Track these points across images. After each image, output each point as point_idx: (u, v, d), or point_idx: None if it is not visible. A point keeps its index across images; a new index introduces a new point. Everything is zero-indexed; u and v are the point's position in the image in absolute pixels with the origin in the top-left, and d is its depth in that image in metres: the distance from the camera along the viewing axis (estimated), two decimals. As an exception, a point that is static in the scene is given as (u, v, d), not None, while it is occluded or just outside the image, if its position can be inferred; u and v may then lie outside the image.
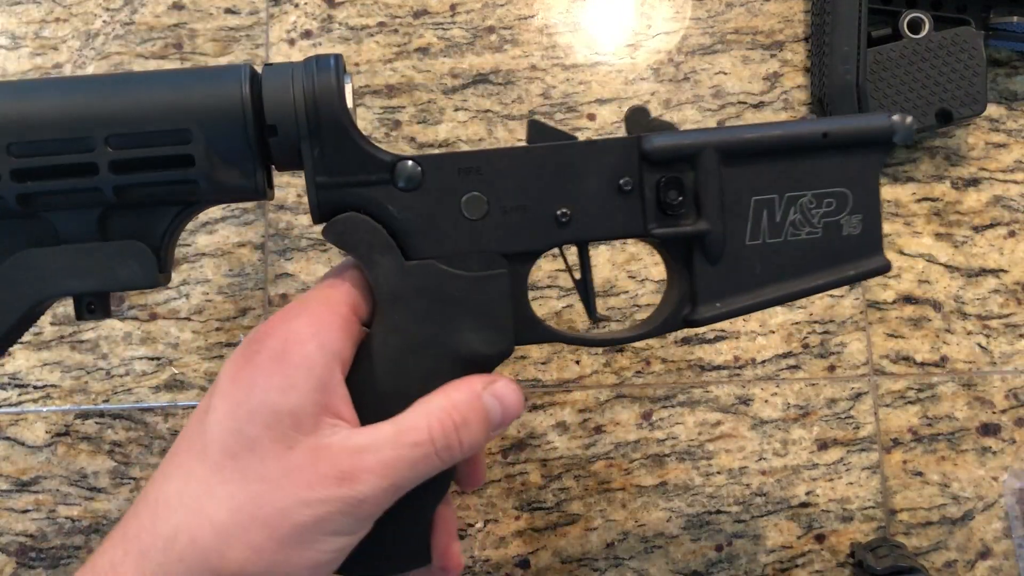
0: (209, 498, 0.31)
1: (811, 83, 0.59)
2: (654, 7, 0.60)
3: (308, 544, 0.31)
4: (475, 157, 0.35)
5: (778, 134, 0.36)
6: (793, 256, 0.36)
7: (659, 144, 0.35)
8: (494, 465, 0.54)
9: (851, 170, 0.36)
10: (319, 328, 0.33)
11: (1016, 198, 0.58)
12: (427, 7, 0.59)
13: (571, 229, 0.36)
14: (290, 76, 0.34)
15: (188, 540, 0.31)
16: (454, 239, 0.35)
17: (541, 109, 0.58)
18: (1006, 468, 0.55)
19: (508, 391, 0.35)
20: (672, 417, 0.55)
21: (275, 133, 0.34)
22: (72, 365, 0.55)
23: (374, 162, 0.35)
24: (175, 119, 0.33)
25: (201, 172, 0.33)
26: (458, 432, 0.33)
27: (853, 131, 0.36)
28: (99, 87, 0.33)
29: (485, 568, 0.53)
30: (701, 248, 0.36)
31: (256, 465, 0.31)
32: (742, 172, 0.36)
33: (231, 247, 0.56)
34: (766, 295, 0.37)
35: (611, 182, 0.36)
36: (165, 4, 0.59)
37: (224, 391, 0.32)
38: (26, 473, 0.54)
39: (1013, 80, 0.59)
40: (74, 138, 0.32)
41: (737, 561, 0.54)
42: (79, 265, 0.34)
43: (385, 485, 0.32)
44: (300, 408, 0.32)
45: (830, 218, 0.36)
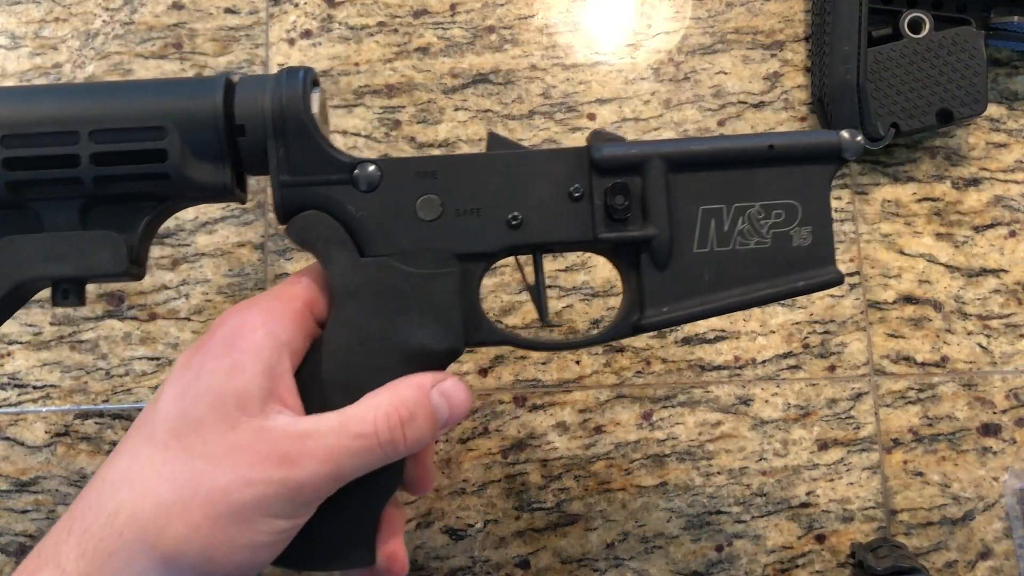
0: (153, 475, 0.32)
1: (811, 83, 0.59)
2: (654, 7, 0.60)
3: (247, 524, 0.32)
4: (433, 162, 0.37)
5: (726, 146, 0.37)
6: (741, 265, 0.37)
7: (608, 153, 0.37)
8: (494, 465, 0.54)
9: (801, 183, 0.37)
10: (269, 318, 0.34)
11: (1017, 198, 0.58)
12: (427, 7, 0.59)
13: (522, 232, 0.37)
14: (262, 85, 0.37)
15: (129, 515, 0.31)
16: (408, 238, 0.37)
17: (541, 109, 0.58)
18: (1007, 468, 0.55)
19: (456, 390, 0.36)
20: (672, 417, 0.55)
21: (243, 133, 0.36)
22: (72, 365, 0.55)
23: (335, 163, 0.37)
24: (152, 117, 0.36)
25: (173, 166, 0.36)
26: (403, 427, 0.34)
27: (801, 146, 0.37)
28: (89, 91, 0.37)
29: (485, 568, 0.53)
30: (649, 253, 0.37)
31: (199, 444, 0.32)
32: (689, 181, 0.37)
33: (231, 247, 0.56)
34: (714, 302, 0.37)
35: (562, 189, 0.37)
36: (165, 4, 0.59)
37: (174, 376, 0.34)
38: (26, 473, 0.54)
39: (1014, 80, 0.59)
40: (62, 132, 0.35)
41: (737, 561, 0.54)
42: (56, 251, 0.36)
43: (325, 471, 0.32)
44: (245, 390, 0.33)
45: (779, 229, 0.37)
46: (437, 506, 0.54)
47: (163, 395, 0.34)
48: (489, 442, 0.55)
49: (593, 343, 0.39)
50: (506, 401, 0.55)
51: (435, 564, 0.53)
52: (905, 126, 0.55)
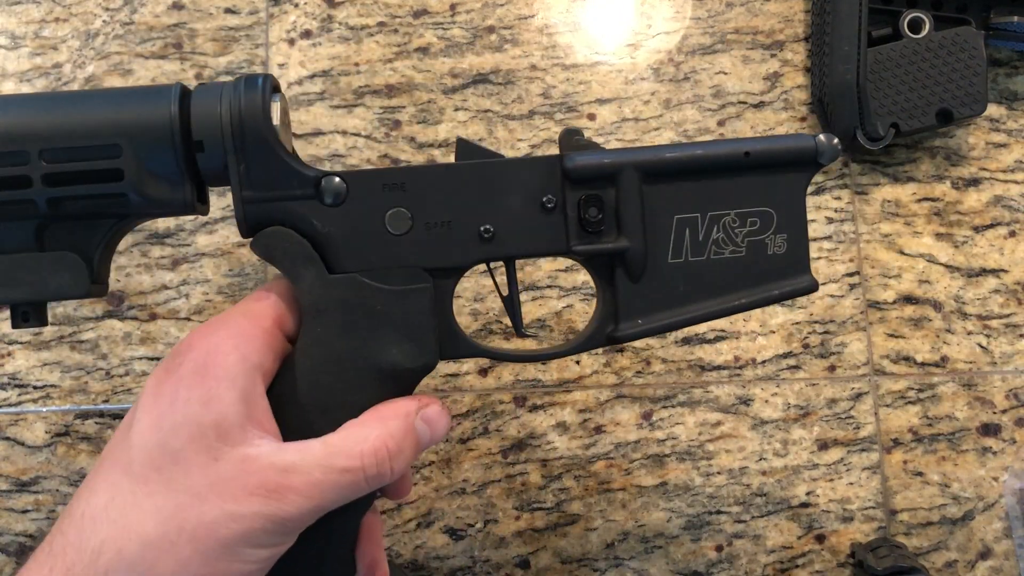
0: (135, 511, 0.31)
1: (811, 83, 0.59)
2: (654, 7, 0.60)
3: (234, 556, 0.31)
4: (400, 173, 0.36)
5: (699, 153, 0.36)
6: (717, 274, 0.36)
7: (580, 162, 0.36)
8: (494, 465, 0.54)
9: (776, 190, 0.36)
10: (240, 340, 0.33)
11: (1016, 198, 0.58)
12: (427, 7, 0.59)
13: (495, 245, 0.36)
14: (218, 95, 0.35)
15: (114, 553, 0.31)
16: (377, 253, 0.36)
17: (541, 109, 0.58)
18: (1006, 468, 0.55)
19: (438, 417, 0.35)
20: (672, 417, 0.55)
21: (202, 149, 0.35)
22: (72, 365, 0.55)
23: (299, 178, 0.35)
24: (105, 134, 0.34)
25: (130, 185, 0.34)
26: (391, 461, 0.33)
27: (776, 152, 0.36)
28: (35, 104, 0.35)
29: (485, 568, 0.53)
30: (623, 265, 0.36)
31: (181, 477, 0.31)
32: (663, 191, 0.36)
33: (231, 247, 0.56)
34: (689, 312, 0.37)
35: (534, 199, 0.36)
36: (165, 4, 0.59)
37: (147, 405, 0.33)
38: (26, 473, 0.54)
39: (1013, 80, 0.59)
40: (9, 151, 0.34)
41: (737, 561, 0.54)
42: (11, 275, 0.35)
43: (311, 506, 0.32)
44: (224, 419, 0.32)
45: (754, 237, 0.36)
46: (437, 506, 0.54)
47: (136, 425, 0.32)
48: (489, 442, 0.55)
49: (567, 354, 0.39)
50: (506, 401, 0.55)
51: (435, 564, 0.53)
52: (905, 126, 0.55)
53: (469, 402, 0.55)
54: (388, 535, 0.54)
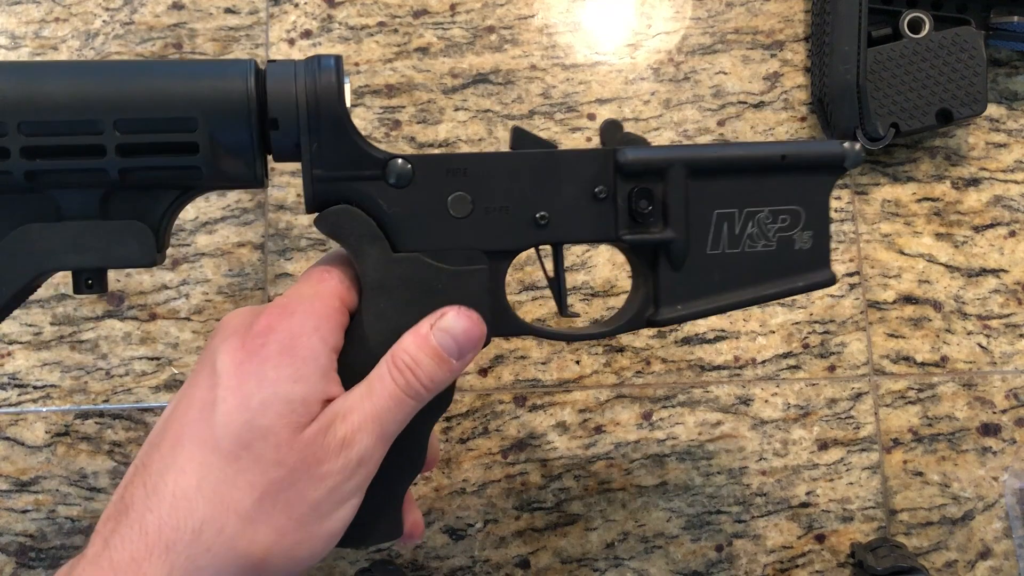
0: (230, 488, 0.33)
1: (811, 83, 0.59)
2: (654, 7, 0.60)
3: (324, 517, 0.34)
4: (463, 159, 0.38)
5: (742, 154, 0.39)
6: (749, 266, 0.39)
7: (632, 157, 0.38)
8: (494, 465, 0.54)
9: (805, 190, 0.39)
10: (319, 322, 0.35)
11: (1016, 198, 0.58)
12: (427, 7, 0.59)
13: (548, 231, 0.38)
14: (292, 73, 0.35)
15: (215, 531, 0.32)
16: (439, 235, 0.37)
17: (541, 109, 0.58)
18: (1006, 468, 0.55)
19: (453, 322, 0.36)
20: (672, 417, 0.55)
21: (276, 127, 0.35)
22: (72, 365, 0.55)
23: (368, 159, 0.36)
24: (182, 108, 0.34)
25: (204, 159, 0.34)
26: (414, 372, 0.35)
27: (808, 155, 0.39)
28: (110, 72, 0.35)
29: (485, 568, 0.53)
30: (666, 255, 0.39)
31: (271, 452, 0.33)
32: (707, 187, 0.38)
33: (231, 247, 0.56)
34: (723, 301, 0.39)
35: (587, 190, 0.38)
36: (165, 4, 0.59)
37: (230, 384, 0.34)
38: (26, 473, 0.54)
39: (1013, 80, 0.59)
40: (84, 120, 0.34)
41: (737, 561, 0.54)
42: (80, 241, 0.35)
43: (375, 439, 0.34)
44: (309, 396, 0.34)
45: (784, 233, 0.39)
46: (437, 506, 0.54)
47: (221, 404, 0.33)
48: (489, 442, 0.55)
49: (607, 335, 0.41)
50: (506, 401, 0.55)
51: (435, 564, 0.53)
52: (905, 126, 0.55)
53: (469, 402, 0.55)
54: (388, 535, 0.54)
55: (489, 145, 0.58)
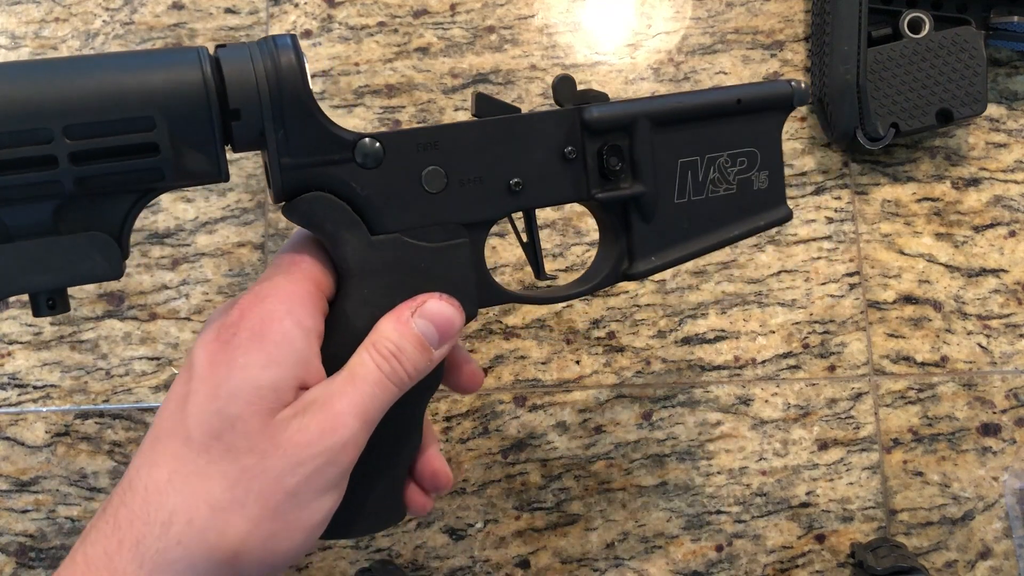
0: (201, 478, 0.32)
1: (811, 83, 0.59)
2: (654, 7, 0.60)
3: (302, 506, 0.32)
4: (433, 132, 0.37)
5: (702, 102, 0.40)
6: (714, 210, 0.40)
7: (598, 114, 0.38)
8: (494, 465, 0.54)
9: (758, 131, 0.40)
10: (292, 306, 0.34)
11: (1016, 198, 0.58)
12: (427, 7, 0.59)
13: (523, 197, 0.38)
14: (248, 57, 0.33)
15: (185, 522, 0.31)
16: (417, 212, 0.37)
17: (542, 109, 0.58)
18: (1006, 468, 0.55)
19: (436, 309, 0.36)
20: (672, 417, 0.55)
21: (238, 117, 0.33)
22: (72, 365, 0.55)
23: (337, 141, 0.35)
24: (136, 106, 0.31)
25: (165, 159, 0.32)
26: (397, 359, 0.35)
27: (761, 96, 0.40)
28: (53, 72, 0.31)
29: (485, 568, 0.53)
30: (637, 208, 0.39)
31: (242, 440, 0.32)
32: (670, 137, 0.39)
33: (231, 247, 0.56)
34: (693, 247, 0.40)
35: (557, 151, 0.38)
36: (165, 4, 0.59)
37: (202, 375, 0.33)
38: (26, 473, 0.54)
39: (1013, 80, 0.59)
40: (30, 129, 0.30)
41: (737, 561, 0.54)
42: (38, 262, 0.32)
43: (358, 424, 0.33)
44: (281, 382, 0.33)
45: (743, 175, 0.40)
46: (437, 506, 0.54)
47: (193, 396, 0.33)
48: (489, 442, 0.55)
49: (585, 292, 0.41)
50: (506, 401, 0.55)
51: (435, 564, 0.53)
52: (905, 126, 0.55)
53: (469, 402, 0.55)
54: (387, 535, 0.54)
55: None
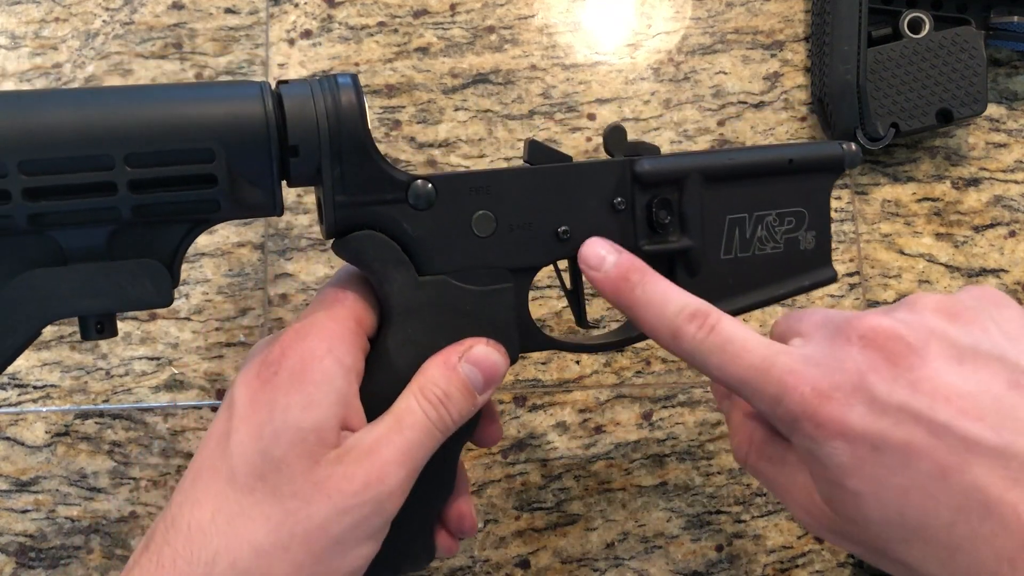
0: (245, 520, 0.32)
1: (811, 83, 0.59)
2: (654, 7, 0.60)
3: (345, 553, 0.32)
4: (485, 176, 0.37)
5: (753, 160, 0.40)
6: (759, 269, 0.40)
7: (650, 167, 0.38)
8: (494, 465, 0.54)
9: (807, 191, 0.40)
10: (333, 344, 0.34)
11: (1017, 198, 0.58)
12: (427, 7, 0.59)
13: (570, 244, 0.38)
14: (310, 94, 0.34)
15: (228, 564, 0.31)
16: (464, 255, 0.37)
17: (541, 109, 0.58)
18: (1006, 468, 0.55)
19: (483, 355, 0.36)
20: (672, 417, 0.55)
21: (296, 154, 0.34)
22: (72, 365, 0.55)
23: (391, 181, 0.36)
24: (197, 138, 0.32)
25: (223, 191, 0.33)
26: (445, 406, 0.34)
27: (811, 158, 0.40)
28: (115, 100, 0.32)
29: (485, 568, 0.53)
30: (683, 262, 0.39)
31: (286, 483, 0.32)
32: (720, 193, 0.39)
33: (231, 247, 0.56)
34: (736, 304, 0.40)
35: (606, 201, 0.38)
36: (165, 4, 0.59)
37: (244, 415, 0.33)
38: (26, 473, 0.54)
39: (1014, 80, 0.59)
40: (91, 155, 0.31)
41: (737, 561, 0.54)
42: (90, 286, 0.32)
43: (405, 473, 0.33)
44: (323, 423, 0.33)
45: (790, 234, 0.40)
46: (437, 506, 0.54)
47: (235, 435, 0.33)
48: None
49: (628, 342, 0.41)
50: (506, 401, 0.55)
51: (435, 564, 0.53)
52: (905, 126, 0.55)
53: (469, 402, 0.55)
54: (388, 535, 0.54)
55: (489, 145, 0.58)
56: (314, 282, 0.56)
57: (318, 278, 0.56)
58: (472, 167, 0.57)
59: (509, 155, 0.57)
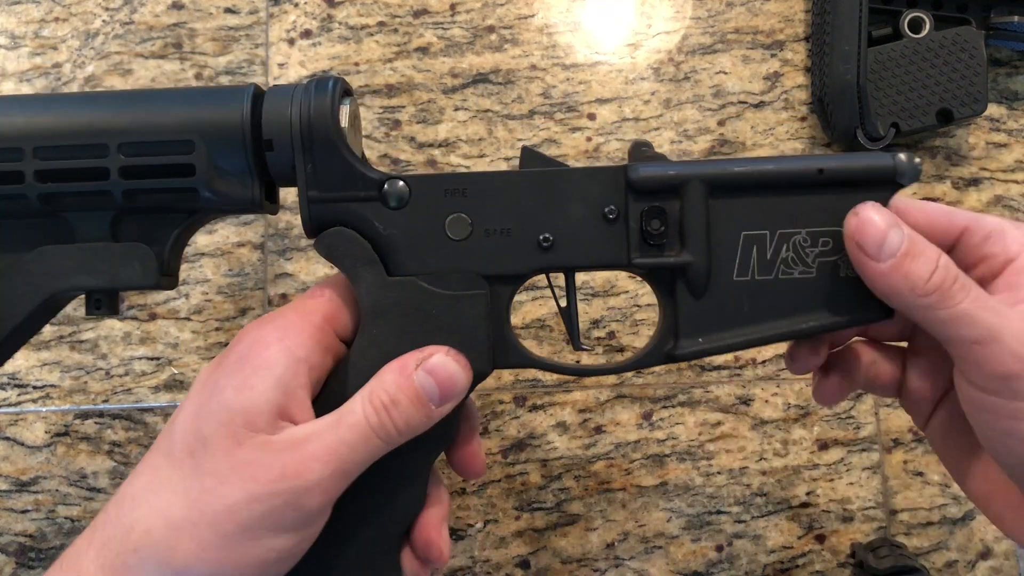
0: (167, 493, 0.32)
1: (811, 83, 0.59)
2: (654, 7, 0.60)
3: (255, 541, 0.32)
4: (463, 179, 0.36)
5: (769, 168, 0.35)
6: (784, 295, 0.35)
7: (645, 173, 0.35)
8: (494, 465, 0.54)
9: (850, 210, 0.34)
10: (285, 333, 0.34)
11: (1017, 198, 0.58)
12: (427, 7, 0.59)
13: (553, 254, 0.36)
14: (290, 96, 0.36)
15: (143, 531, 0.32)
16: (436, 257, 0.36)
17: (541, 109, 0.58)
18: (1007, 468, 0.55)
19: (440, 365, 0.34)
20: (672, 417, 0.55)
21: (271, 148, 0.36)
22: (71, 365, 0.55)
23: (364, 180, 0.36)
24: (180, 131, 0.36)
25: (201, 181, 0.36)
26: (388, 412, 0.33)
27: (852, 169, 0.35)
28: (116, 101, 0.37)
29: (485, 568, 0.53)
30: (684, 281, 0.36)
31: (209, 461, 0.32)
32: (731, 205, 0.35)
33: (231, 247, 0.56)
34: (752, 334, 0.36)
35: (596, 209, 0.36)
36: (165, 3, 0.59)
37: (191, 394, 0.34)
38: (26, 473, 0.54)
39: (1014, 80, 0.59)
40: (91, 144, 0.36)
41: (737, 561, 0.54)
42: (88, 263, 0.36)
43: (329, 471, 0.32)
44: (253, 407, 0.32)
45: (825, 258, 0.35)
46: (437, 506, 0.54)
47: (180, 412, 0.34)
48: (489, 442, 0.55)
49: (623, 370, 0.38)
50: (506, 401, 0.55)
51: (435, 564, 0.53)
52: (905, 126, 0.55)
53: (469, 402, 0.55)
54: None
55: (489, 145, 0.58)
56: (314, 282, 0.56)
57: (318, 278, 0.56)
58: (472, 167, 0.57)
59: (509, 155, 0.57)
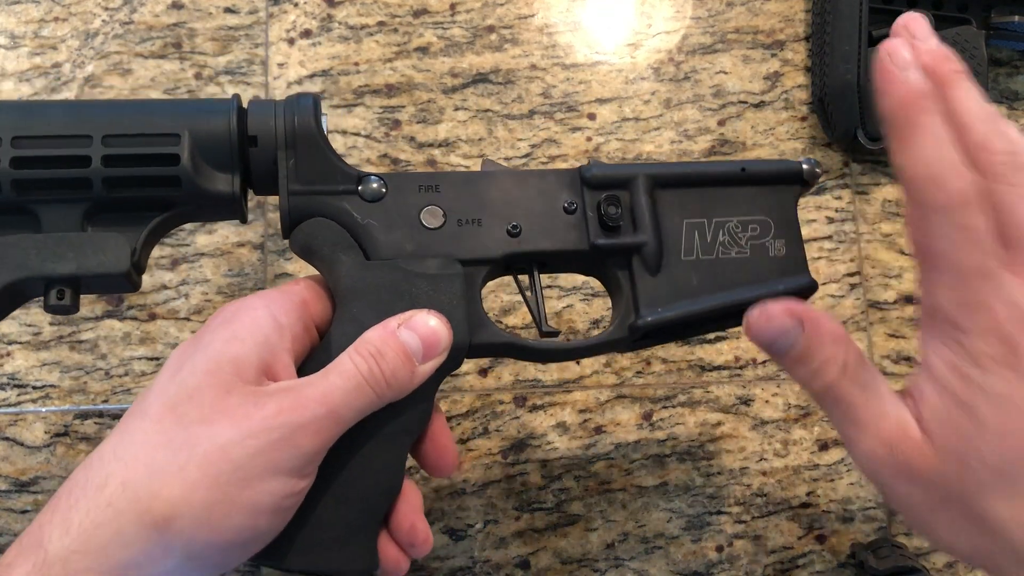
0: (145, 447, 0.31)
1: (811, 82, 0.59)
2: (654, 6, 0.60)
3: (248, 482, 0.31)
4: (434, 177, 0.40)
5: (700, 169, 0.42)
6: (726, 271, 0.41)
7: (597, 172, 0.41)
8: (494, 465, 0.54)
9: (771, 202, 0.41)
10: (269, 301, 0.35)
11: (1017, 198, 0.58)
12: (427, 7, 0.59)
13: (521, 240, 0.40)
14: (272, 105, 0.39)
15: (119, 484, 0.30)
16: (413, 243, 0.39)
17: (541, 108, 0.58)
18: (1007, 468, 0.55)
19: (422, 322, 0.36)
20: (672, 417, 0.55)
21: (255, 143, 0.38)
22: (71, 365, 0.54)
23: (342, 174, 0.39)
24: (168, 125, 0.37)
25: (184, 170, 0.36)
26: (377, 362, 0.34)
27: (767, 170, 0.42)
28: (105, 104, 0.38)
29: (485, 569, 0.53)
30: (641, 259, 0.40)
31: (195, 410, 0.31)
32: (673, 198, 0.41)
33: (230, 247, 0.56)
34: (704, 303, 0.40)
35: (557, 203, 0.40)
36: (164, 3, 0.59)
37: (168, 364, 0.34)
38: (25, 473, 0.54)
39: (1014, 80, 0.59)
40: (75, 135, 0.36)
41: (738, 562, 0.54)
42: (55, 250, 0.36)
43: (324, 411, 0.32)
44: (243, 357, 0.33)
45: (756, 241, 0.41)
46: (437, 506, 0.54)
47: (155, 383, 0.34)
48: (489, 442, 0.55)
49: (591, 350, 0.41)
50: (506, 401, 0.55)
51: (435, 564, 0.53)
52: (906, 126, 0.55)
53: (469, 402, 0.55)
54: (388, 535, 0.54)
55: (489, 145, 0.58)
56: (314, 282, 0.56)
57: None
58: (471, 167, 0.57)
59: (509, 155, 0.57)
